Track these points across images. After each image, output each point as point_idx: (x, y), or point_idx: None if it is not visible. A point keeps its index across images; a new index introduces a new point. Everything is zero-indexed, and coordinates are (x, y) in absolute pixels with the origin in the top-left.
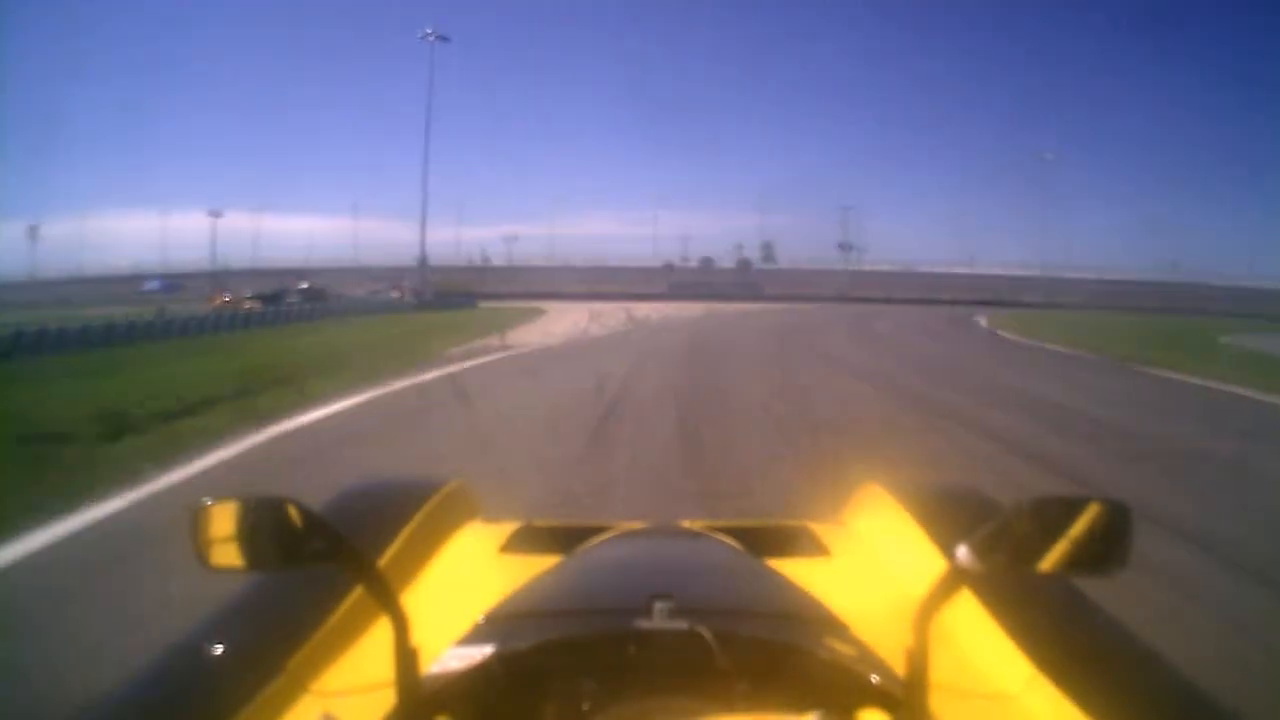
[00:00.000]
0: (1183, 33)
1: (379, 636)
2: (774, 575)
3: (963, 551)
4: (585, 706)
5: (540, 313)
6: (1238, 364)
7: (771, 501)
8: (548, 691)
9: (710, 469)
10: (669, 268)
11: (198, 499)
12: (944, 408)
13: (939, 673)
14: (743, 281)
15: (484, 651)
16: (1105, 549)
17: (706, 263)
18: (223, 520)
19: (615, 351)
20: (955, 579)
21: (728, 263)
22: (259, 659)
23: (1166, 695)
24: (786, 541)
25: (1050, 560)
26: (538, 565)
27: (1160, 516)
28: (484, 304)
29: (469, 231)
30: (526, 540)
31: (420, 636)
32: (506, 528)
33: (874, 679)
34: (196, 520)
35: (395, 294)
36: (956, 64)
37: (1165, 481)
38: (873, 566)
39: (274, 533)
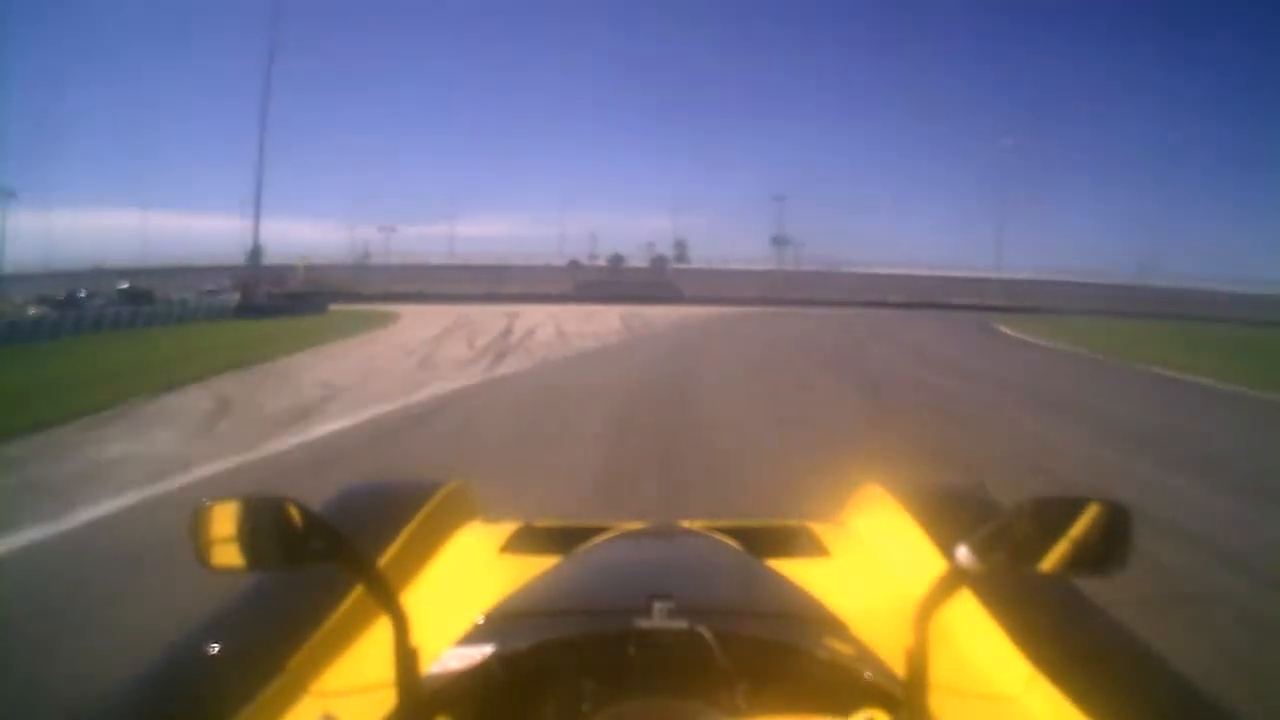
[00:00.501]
0: (1144, 29)
1: (379, 636)
2: (774, 575)
3: (963, 551)
4: (585, 706)
5: (384, 324)
6: None
7: None
8: (548, 691)
9: None
10: (575, 266)
11: (199, 499)
12: None
13: (939, 673)
14: (657, 281)
15: (484, 651)
16: (1105, 549)
17: (616, 260)
18: (223, 520)
19: None
20: (955, 579)
21: (639, 261)
22: (259, 659)
23: (1166, 695)
24: (786, 541)
25: (1050, 560)
26: (538, 565)
27: None
28: (345, 306)
29: (368, 231)
30: (526, 540)
31: (420, 636)
32: (506, 528)
33: (874, 679)
34: (197, 520)
35: (235, 295)
36: (892, 48)
37: None
38: (872, 566)
39: (274, 533)
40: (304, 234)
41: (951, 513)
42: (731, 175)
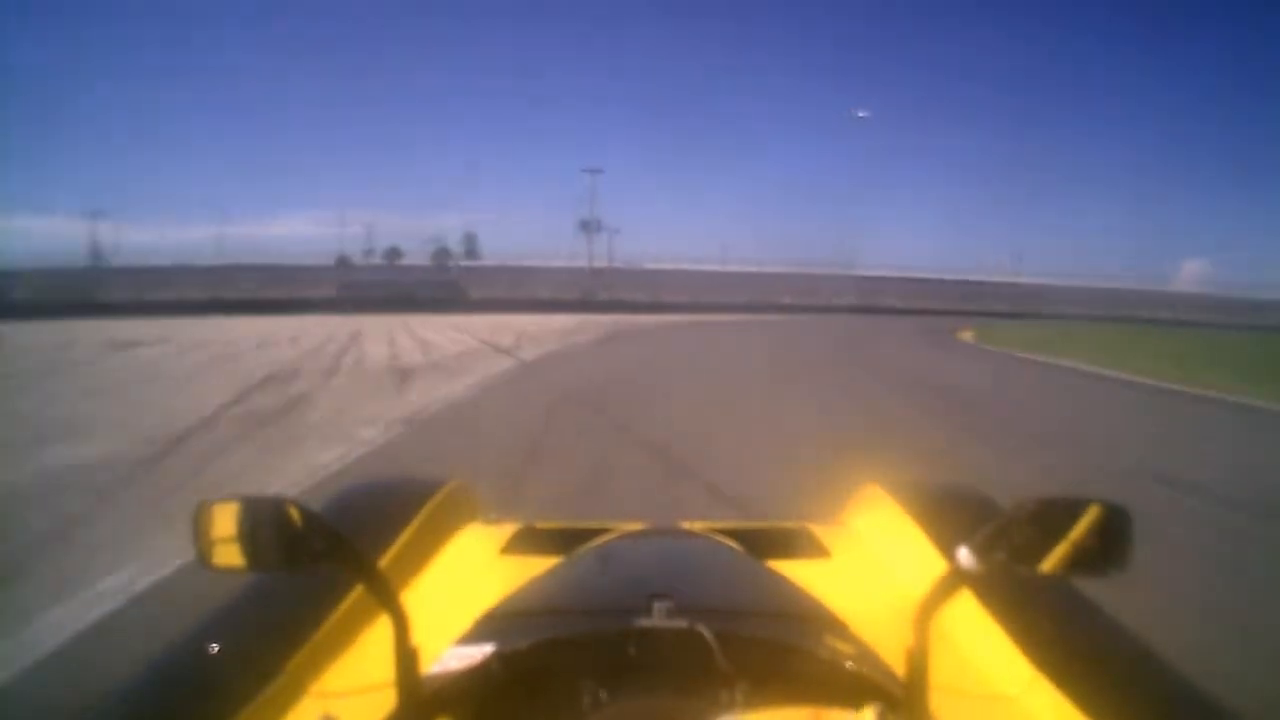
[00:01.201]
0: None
1: (379, 636)
2: (774, 575)
3: (963, 552)
4: (585, 706)
5: None
6: None
7: None
8: (548, 691)
9: None
10: (343, 265)
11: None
12: None
13: (939, 673)
14: (440, 281)
15: (484, 651)
16: (1105, 550)
17: (392, 256)
18: (223, 520)
19: None
20: (955, 579)
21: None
22: (259, 659)
23: (1166, 695)
24: (786, 542)
25: (1050, 561)
26: (538, 566)
27: None
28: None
29: (129, 230)
30: (526, 541)
31: (420, 636)
32: (507, 529)
33: (874, 679)
34: (198, 520)
35: None
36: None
37: None
38: (873, 566)
39: (274, 533)
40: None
41: (951, 513)
42: (544, 164)
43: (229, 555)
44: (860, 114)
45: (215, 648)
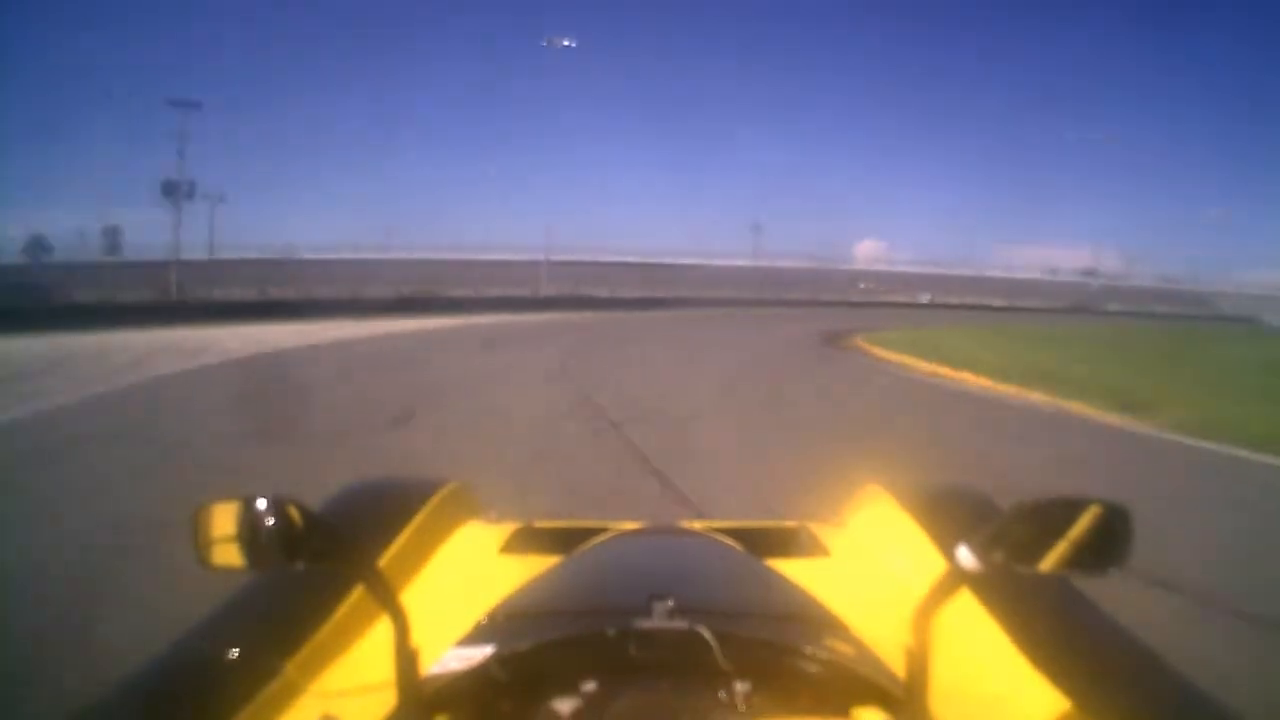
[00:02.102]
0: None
1: (379, 636)
2: (774, 575)
3: (963, 551)
4: (585, 706)
5: None
6: None
7: None
8: (548, 691)
9: None
10: None
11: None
12: None
13: (939, 673)
14: (22, 283)
15: (484, 651)
16: (1104, 549)
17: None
18: (223, 520)
19: None
20: (955, 579)
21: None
22: (259, 659)
23: (1166, 695)
24: (786, 542)
25: (1050, 561)
26: (538, 566)
27: None
28: None
29: None
30: (526, 541)
31: (420, 636)
32: (506, 528)
33: (874, 679)
34: (197, 520)
35: None
36: None
37: None
38: (873, 566)
39: (274, 533)
40: None
41: (951, 513)
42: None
43: (229, 555)
44: (566, 42)
45: (216, 648)
